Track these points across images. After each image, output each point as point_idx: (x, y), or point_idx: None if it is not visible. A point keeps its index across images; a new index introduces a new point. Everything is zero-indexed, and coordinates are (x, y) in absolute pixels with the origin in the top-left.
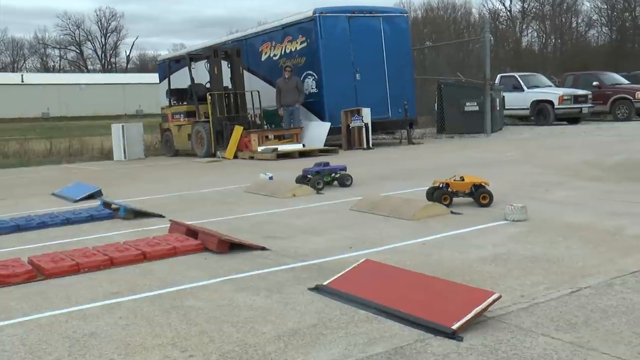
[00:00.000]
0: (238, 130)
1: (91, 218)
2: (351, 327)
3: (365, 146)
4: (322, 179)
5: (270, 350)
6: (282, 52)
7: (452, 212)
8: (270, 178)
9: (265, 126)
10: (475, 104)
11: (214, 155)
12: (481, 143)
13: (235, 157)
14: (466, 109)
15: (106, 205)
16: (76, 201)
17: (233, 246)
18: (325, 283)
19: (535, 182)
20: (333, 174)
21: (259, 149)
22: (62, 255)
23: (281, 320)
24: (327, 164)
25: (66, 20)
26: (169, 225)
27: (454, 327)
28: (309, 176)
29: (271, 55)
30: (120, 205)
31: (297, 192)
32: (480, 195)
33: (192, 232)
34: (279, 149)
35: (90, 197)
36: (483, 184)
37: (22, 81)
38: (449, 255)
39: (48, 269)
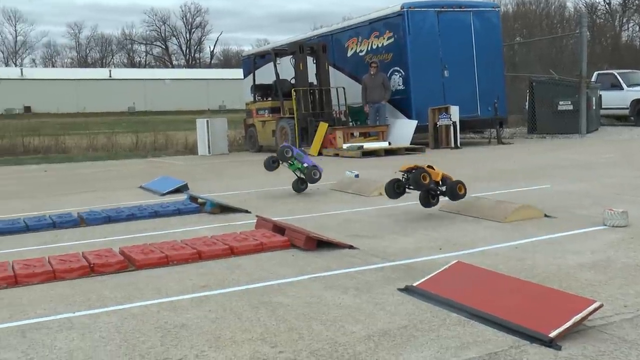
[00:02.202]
0: (323, 126)
1: (178, 212)
2: (443, 330)
3: (452, 145)
4: (291, 160)
5: (360, 350)
6: (369, 48)
7: (545, 215)
8: (356, 176)
9: (351, 123)
10: (570, 102)
11: None
12: (575, 144)
13: (320, 154)
14: (559, 108)
15: (193, 199)
16: (163, 194)
17: (320, 244)
18: (415, 284)
19: (636, 186)
20: (303, 164)
21: (344, 146)
22: (151, 247)
23: (371, 320)
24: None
25: (152, 16)
26: (255, 220)
27: (552, 334)
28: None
29: (357, 51)
30: (207, 200)
31: (384, 191)
32: (455, 185)
33: (278, 229)
34: (364, 147)
35: (177, 190)
36: (447, 176)
37: (110, 76)
38: (544, 260)
39: (139, 260)
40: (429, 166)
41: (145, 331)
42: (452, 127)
